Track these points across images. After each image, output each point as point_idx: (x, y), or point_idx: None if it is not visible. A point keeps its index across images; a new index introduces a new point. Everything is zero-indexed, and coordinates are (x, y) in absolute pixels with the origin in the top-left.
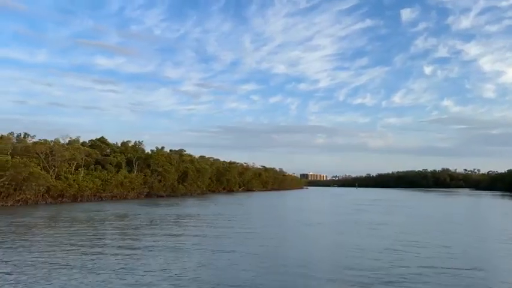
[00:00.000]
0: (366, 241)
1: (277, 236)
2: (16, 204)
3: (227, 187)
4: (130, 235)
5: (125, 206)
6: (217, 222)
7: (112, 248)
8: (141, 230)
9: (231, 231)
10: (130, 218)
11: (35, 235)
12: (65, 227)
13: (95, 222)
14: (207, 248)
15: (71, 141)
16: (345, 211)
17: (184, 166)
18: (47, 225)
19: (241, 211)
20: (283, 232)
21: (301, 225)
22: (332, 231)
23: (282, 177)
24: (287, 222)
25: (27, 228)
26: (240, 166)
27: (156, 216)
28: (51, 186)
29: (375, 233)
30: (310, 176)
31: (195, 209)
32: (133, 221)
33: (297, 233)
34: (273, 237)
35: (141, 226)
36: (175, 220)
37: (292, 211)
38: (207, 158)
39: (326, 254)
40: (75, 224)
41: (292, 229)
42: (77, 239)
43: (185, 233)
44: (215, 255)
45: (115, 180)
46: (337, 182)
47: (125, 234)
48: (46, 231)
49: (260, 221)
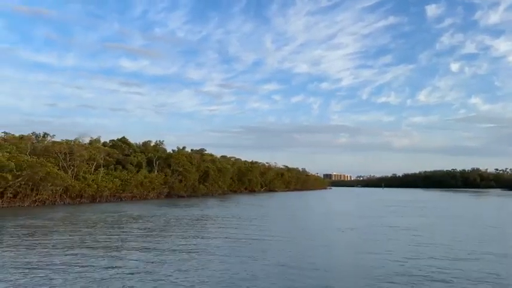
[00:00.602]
0: (411, 252)
1: (303, 244)
2: (33, 204)
3: (249, 187)
4: (146, 238)
5: (144, 206)
6: (237, 226)
7: (132, 250)
8: (156, 233)
9: (250, 236)
10: (147, 220)
11: (48, 236)
12: (80, 228)
13: (111, 224)
14: (224, 256)
15: (92, 141)
16: (375, 213)
17: (205, 166)
18: (61, 227)
19: (262, 213)
20: (309, 239)
21: (330, 231)
22: (366, 239)
23: (305, 177)
24: (313, 227)
25: (42, 229)
26: (262, 166)
27: (173, 218)
28: (69, 187)
29: (417, 240)
30: (334, 176)
31: (214, 211)
32: (150, 223)
33: (325, 240)
34: (297, 245)
35: (156, 228)
36: (192, 223)
37: (318, 213)
38: (228, 158)
39: (363, 269)
40: (90, 226)
41: (320, 235)
42: (91, 242)
43: (201, 237)
44: (232, 264)
45: (135, 180)
46: (362, 182)
47: (142, 237)
48: (60, 233)
49: (282, 224)
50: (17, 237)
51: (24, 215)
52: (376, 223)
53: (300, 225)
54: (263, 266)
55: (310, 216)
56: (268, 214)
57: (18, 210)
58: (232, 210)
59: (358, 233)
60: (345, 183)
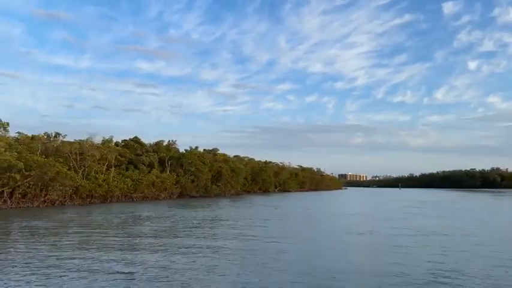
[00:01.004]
0: (441, 259)
1: (320, 249)
2: (42, 205)
3: (263, 187)
4: (153, 241)
5: (154, 207)
6: (248, 228)
7: (144, 250)
8: (163, 235)
9: (263, 241)
10: (155, 221)
11: (45, 238)
12: (83, 230)
13: (116, 226)
14: (232, 264)
15: (104, 141)
16: (396, 215)
17: (218, 166)
18: (61, 229)
19: (276, 215)
20: (327, 245)
21: (349, 235)
22: (389, 244)
23: (320, 178)
24: (330, 230)
25: (42, 231)
26: (276, 166)
27: (182, 219)
28: (79, 187)
29: (449, 246)
30: (349, 176)
31: (226, 212)
32: (158, 225)
33: (344, 245)
34: (314, 250)
35: (164, 231)
36: (202, 225)
37: (335, 215)
38: (241, 158)
39: (386, 278)
40: (94, 227)
41: (338, 240)
42: (89, 245)
43: (212, 240)
44: (241, 275)
45: (146, 180)
46: (378, 182)
47: (149, 240)
48: (60, 235)
49: (297, 227)
50: (12, 240)
51: (30, 216)
52: (398, 226)
53: (316, 228)
54: (277, 273)
55: (327, 218)
56: (282, 216)
57: (26, 210)
58: (245, 211)
59: (379, 237)
60: (360, 184)
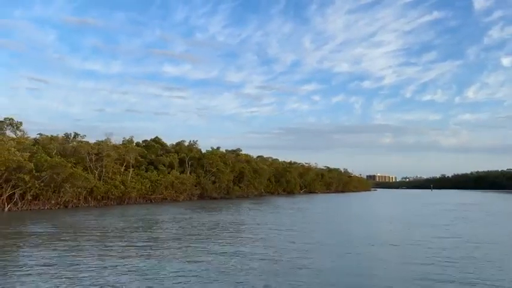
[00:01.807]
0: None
1: (364, 268)
2: (54, 207)
3: (287, 189)
4: (147, 252)
5: (171, 209)
6: (268, 237)
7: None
8: (168, 244)
9: (286, 252)
10: (164, 226)
11: (23, 252)
12: (77, 236)
13: (116, 232)
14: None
15: (125, 141)
16: (437, 221)
17: (240, 166)
18: (58, 235)
19: (300, 220)
20: (370, 261)
21: (389, 248)
22: (440, 259)
23: (347, 179)
24: (368, 241)
25: (31, 238)
26: (301, 166)
27: (190, 225)
28: (94, 188)
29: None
30: (378, 177)
31: (244, 216)
32: (163, 232)
33: (392, 260)
34: (348, 266)
35: (170, 238)
36: (219, 232)
37: (369, 221)
38: (265, 158)
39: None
40: (89, 233)
41: (381, 253)
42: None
43: (233, 248)
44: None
45: (165, 181)
46: (408, 183)
47: (143, 251)
48: (37, 246)
49: (326, 236)
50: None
51: (35, 219)
52: (443, 234)
53: (351, 238)
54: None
55: (360, 225)
56: (308, 222)
57: (35, 213)
58: (266, 216)
59: (425, 250)
60: (389, 185)
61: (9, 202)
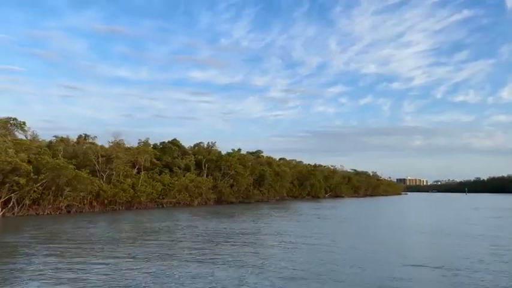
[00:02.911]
0: None
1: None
2: (54, 212)
3: (311, 192)
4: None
5: (181, 215)
6: (282, 257)
7: None
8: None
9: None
10: (157, 237)
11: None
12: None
13: (95, 244)
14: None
15: (141, 143)
16: (485, 230)
17: (261, 169)
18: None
19: (321, 229)
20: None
21: (430, 272)
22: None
23: (376, 182)
24: (415, 262)
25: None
26: (327, 169)
27: (188, 234)
28: (101, 192)
29: None
30: (408, 180)
31: (256, 224)
32: (151, 248)
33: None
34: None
35: (160, 257)
36: (204, 247)
37: (405, 231)
38: (288, 161)
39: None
40: (52, 249)
41: (418, 279)
42: None
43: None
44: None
45: (178, 184)
46: (440, 187)
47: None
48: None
49: (354, 252)
50: None
51: (20, 227)
52: (501, 251)
53: (386, 256)
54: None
55: (397, 237)
56: (331, 231)
57: (30, 219)
58: (280, 223)
59: (494, 274)
60: (421, 188)
61: (5, 207)
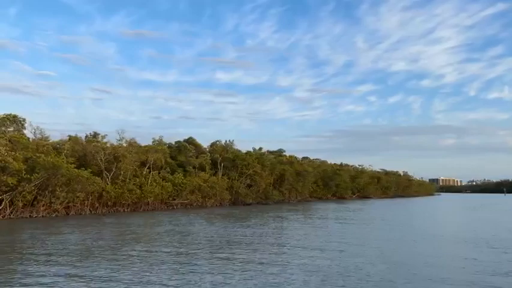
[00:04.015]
0: None
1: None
2: (51, 215)
3: (337, 193)
4: None
5: (186, 218)
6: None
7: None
8: None
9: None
10: (139, 243)
11: None
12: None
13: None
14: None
15: (154, 141)
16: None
17: (281, 168)
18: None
19: (338, 236)
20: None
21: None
22: None
23: (407, 182)
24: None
25: None
26: (353, 169)
27: (176, 241)
28: (104, 193)
29: None
30: (441, 180)
31: (263, 228)
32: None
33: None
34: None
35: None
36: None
37: (443, 241)
38: (312, 160)
39: None
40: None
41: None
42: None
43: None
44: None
45: (190, 184)
46: (475, 187)
47: None
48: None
49: (384, 270)
50: None
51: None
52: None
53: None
54: None
55: (430, 247)
56: (350, 239)
57: (18, 223)
58: (290, 230)
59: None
60: (454, 189)
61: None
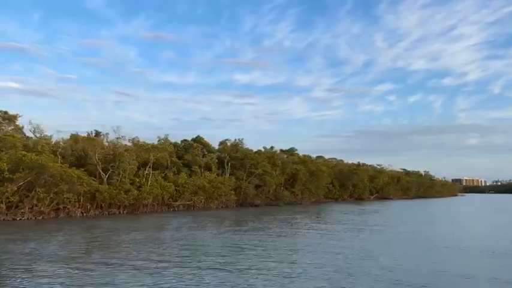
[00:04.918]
0: None
1: None
2: (37, 217)
3: (354, 194)
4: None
5: (178, 220)
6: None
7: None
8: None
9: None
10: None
11: None
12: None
13: None
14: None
15: (160, 140)
16: None
17: (293, 168)
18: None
19: (347, 250)
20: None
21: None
22: None
23: (429, 182)
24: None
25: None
26: (372, 168)
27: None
28: (97, 194)
29: None
30: (465, 181)
31: (263, 236)
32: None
33: None
34: None
35: None
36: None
37: (473, 255)
38: (327, 159)
39: None
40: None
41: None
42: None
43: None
44: None
45: (193, 185)
46: (500, 187)
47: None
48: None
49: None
50: None
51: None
52: None
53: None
54: None
55: (461, 267)
56: (358, 250)
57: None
58: (290, 237)
59: None
60: (478, 189)
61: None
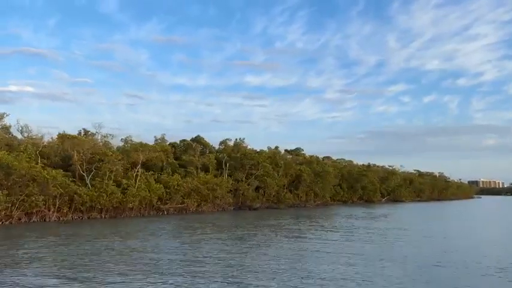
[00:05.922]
0: None
1: None
2: (5, 221)
3: (364, 196)
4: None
5: (154, 225)
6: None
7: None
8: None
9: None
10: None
11: None
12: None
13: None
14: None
15: (157, 140)
16: None
17: (297, 169)
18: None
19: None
20: None
21: None
22: None
23: (444, 184)
24: None
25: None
26: (383, 169)
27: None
28: (75, 196)
29: None
30: (482, 183)
31: (252, 249)
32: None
33: None
34: None
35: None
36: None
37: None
38: (334, 160)
39: None
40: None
41: None
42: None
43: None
44: None
45: (185, 186)
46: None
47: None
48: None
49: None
50: None
51: None
52: None
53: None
54: None
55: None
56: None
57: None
58: (280, 251)
59: None
60: (496, 191)
61: None
